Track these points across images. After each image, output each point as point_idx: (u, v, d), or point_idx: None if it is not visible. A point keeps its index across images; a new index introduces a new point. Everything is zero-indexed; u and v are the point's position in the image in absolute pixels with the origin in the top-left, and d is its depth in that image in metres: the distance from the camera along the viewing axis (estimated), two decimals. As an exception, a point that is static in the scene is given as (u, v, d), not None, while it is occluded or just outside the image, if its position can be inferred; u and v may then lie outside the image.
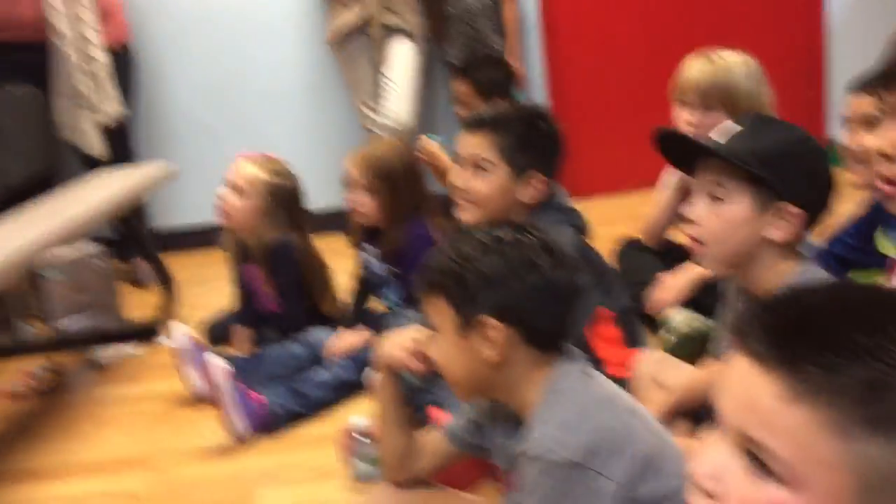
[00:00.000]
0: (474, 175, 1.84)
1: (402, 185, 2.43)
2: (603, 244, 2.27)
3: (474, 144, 1.84)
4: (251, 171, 2.62)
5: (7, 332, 3.17)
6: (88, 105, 3.32)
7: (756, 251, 1.40)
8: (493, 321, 1.13)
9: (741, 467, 0.66)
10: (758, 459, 0.65)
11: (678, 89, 2.25)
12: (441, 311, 1.18)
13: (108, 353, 2.90)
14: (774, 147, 1.37)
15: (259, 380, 2.40)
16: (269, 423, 2.24)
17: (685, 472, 1.09)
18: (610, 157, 4.17)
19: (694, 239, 1.44)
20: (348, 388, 2.36)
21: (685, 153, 1.46)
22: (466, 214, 1.87)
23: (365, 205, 2.44)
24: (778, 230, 1.37)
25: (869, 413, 0.61)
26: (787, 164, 1.35)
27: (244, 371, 2.41)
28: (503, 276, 1.14)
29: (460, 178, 1.86)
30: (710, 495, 0.68)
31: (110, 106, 3.39)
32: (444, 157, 2.93)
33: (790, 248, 1.41)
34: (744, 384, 0.66)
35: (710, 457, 0.69)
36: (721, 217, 1.39)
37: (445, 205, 2.02)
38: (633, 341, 1.93)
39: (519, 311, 1.14)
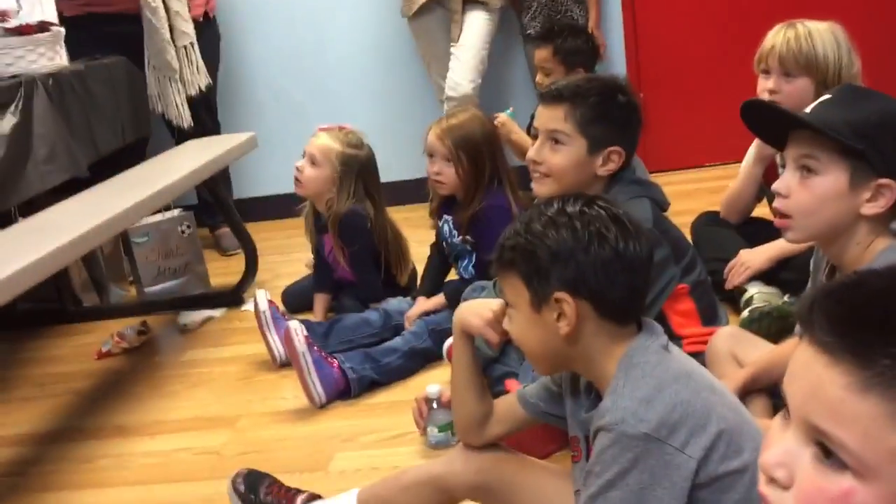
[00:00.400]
0: (551, 148, 1.83)
1: (483, 154, 2.44)
2: (682, 219, 2.25)
3: (551, 117, 1.83)
4: (324, 142, 2.68)
5: (100, 296, 3.31)
6: (178, 78, 3.42)
7: (846, 226, 1.36)
8: (564, 296, 1.13)
9: (810, 456, 0.65)
10: (827, 449, 0.64)
11: (760, 58, 2.20)
12: (515, 288, 1.19)
13: (194, 317, 3.00)
14: (871, 118, 1.32)
15: (334, 346, 2.46)
16: (344, 390, 2.30)
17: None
18: (690, 131, 4.09)
19: (781, 212, 1.41)
20: (422, 357, 2.40)
21: (775, 126, 1.41)
22: (542, 188, 1.86)
23: (445, 174, 2.46)
24: (872, 206, 1.33)
25: None
26: (884, 137, 1.30)
27: (320, 337, 2.47)
28: (571, 250, 1.14)
29: (536, 151, 1.86)
30: (780, 484, 0.68)
31: (199, 79, 3.48)
32: (520, 132, 2.92)
33: (882, 224, 1.36)
34: (810, 373, 0.65)
35: (779, 445, 0.68)
36: (811, 190, 1.35)
37: (524, 179, 2.02)
38: (710, 316, 1.91)
39: (589, 284, 1.13)
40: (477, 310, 1.36)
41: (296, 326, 2.27)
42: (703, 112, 4.02)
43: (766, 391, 1.69)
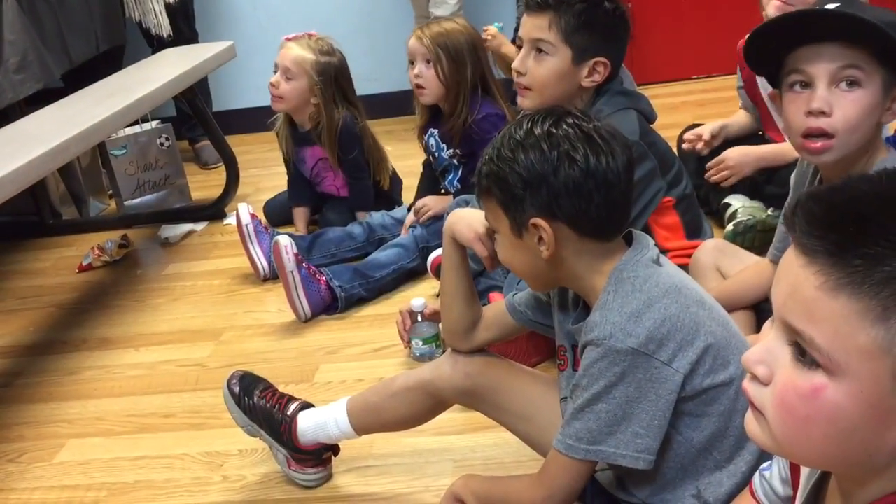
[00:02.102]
0: (534, 59, 1.78)
1: (464, 58, 2.39)
2: (669, 132, 2.23)
3: (535, 26, 1.78)
4: (297, 53, 2.62)
5: (79, 209, 3.27)
6: None
7: (873, 137, 1.33)
8: (540, 221, 1.12)
9: (789, 355, 0.68)
10: (802, 348, 0.66)
11: None
12: (495, 214, 1.18)
13: (176, 230, 2.98)
14: None
15: (317, 259, 2.46)
16: (330, 305, 2.30)
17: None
18: (678, 43, 4.03)
19: (823, 132, 1.30)
20: (410, 274, 2.40)
21: (776, 50, 1.31)
22: (525, 101, 1.82)
23: (426, 77, 2.41)
24: (891, 113, 1.30)
25: None
26: None
27: (303, 251, 2.46)
28: (541, 175, 1.11)
29: (520, 61, 1.81)
30: (760, 381, 0.70)
31: None
32: (510, 45, 2.86)
33: (879, 132, 1.35)
34: (790, 274, 0.67)
35: (762, 344, 0.71)
36: (858, 103, 1.27)
37: (514, 93, 1.98)
38: (694, 230, 1.91)
39: (563, 207, 1.11)
40: (469, 221, 1.34)
41: (286, 242, 2.23)
42: (692, 24, 3.95)
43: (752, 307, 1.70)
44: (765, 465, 0.97)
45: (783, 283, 0.68)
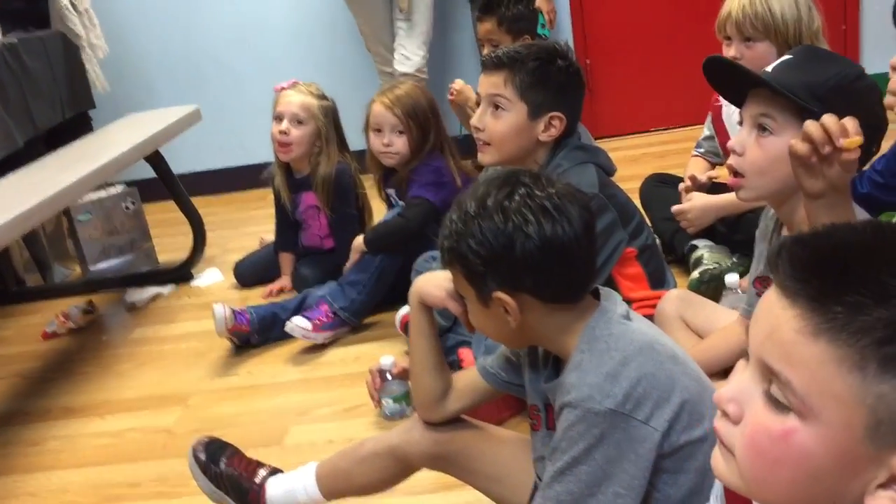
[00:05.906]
0: (492, 114, 1.82)
1: (429, 123, 2.45)
2: (629, 184, 2.26)
3: (491, 83, 1.82)
4: (302, 98, 2.64)
5: (43, 275, 3.24)
6: (86, 44, 3.33)
7: (796, 187, 1.35)
8: (503, 295, 1.12)
9: (761, 395, 0.68)
10: (776, 389, 0.66)
11: (719, 26, 2.18)
12: (461, 283, 1.19)
13: (142, 294, 2.95)
14: (829, 82, 1.32)
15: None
16: (339, 324, 2.42)
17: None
18: (636, 97, 4.11)
19: (734, 170, 1.40)
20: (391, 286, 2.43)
21: (735, 83, 1.40)
22: (485, 156, 1.86)
23: (396, 145, 2.45)
24: None
25: (888, 353, 0.61)
26: (839, 101, 1.29)
27: (292, 311, 2.46)
28: (498, 252, 1.11)
29: (478, 117, 1.85)
30: (730, 419, 0.70)
31: (102, 42, 3.39)
32: (474, 99, 2.91)
33: None
34: (770, 315, 0.67)
35: (735, 382, 0.71)
36: (765, 150, 1.35)
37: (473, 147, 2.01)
38: (658, 280, 1.93)
39: (523, 280, 1.11)
40: (437, 281, 1.33)
41: (297, 323, 2.34)
42: (649, 77, 4.04)
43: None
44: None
45: (762, 323, 0.68)
